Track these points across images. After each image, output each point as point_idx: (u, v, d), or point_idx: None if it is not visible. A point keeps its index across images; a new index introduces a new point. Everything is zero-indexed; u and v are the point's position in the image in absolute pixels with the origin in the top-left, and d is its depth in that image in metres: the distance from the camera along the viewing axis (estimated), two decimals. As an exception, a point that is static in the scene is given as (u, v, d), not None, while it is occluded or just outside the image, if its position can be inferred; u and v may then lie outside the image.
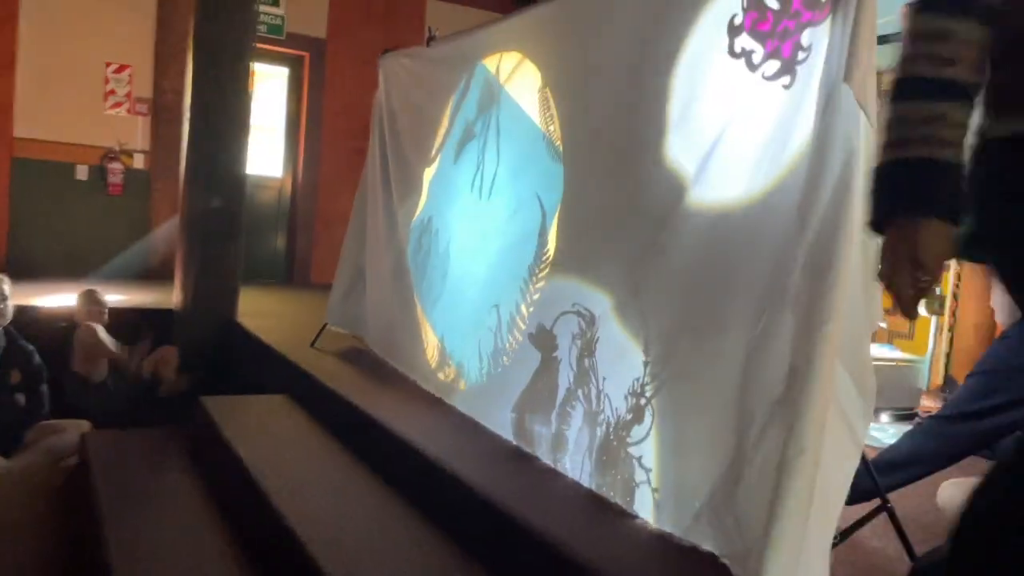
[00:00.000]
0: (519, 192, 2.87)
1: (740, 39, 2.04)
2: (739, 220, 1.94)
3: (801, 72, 1.88)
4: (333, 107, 7.40)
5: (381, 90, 4.17)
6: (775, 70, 1.95)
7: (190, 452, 3.62)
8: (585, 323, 2.34)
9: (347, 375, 3.73)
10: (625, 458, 2.14)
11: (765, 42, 1.98)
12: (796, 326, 1.72)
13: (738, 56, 2.05)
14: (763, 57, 1.98)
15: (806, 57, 1.87)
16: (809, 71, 1.85)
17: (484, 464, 2.58)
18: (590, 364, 2.32)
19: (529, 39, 2.97)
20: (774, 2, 1.97)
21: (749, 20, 2.03)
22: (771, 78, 1.96)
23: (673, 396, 2.04)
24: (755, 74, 1.99)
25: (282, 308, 5.80)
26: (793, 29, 1.90)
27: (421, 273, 3.56)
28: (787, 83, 1.92)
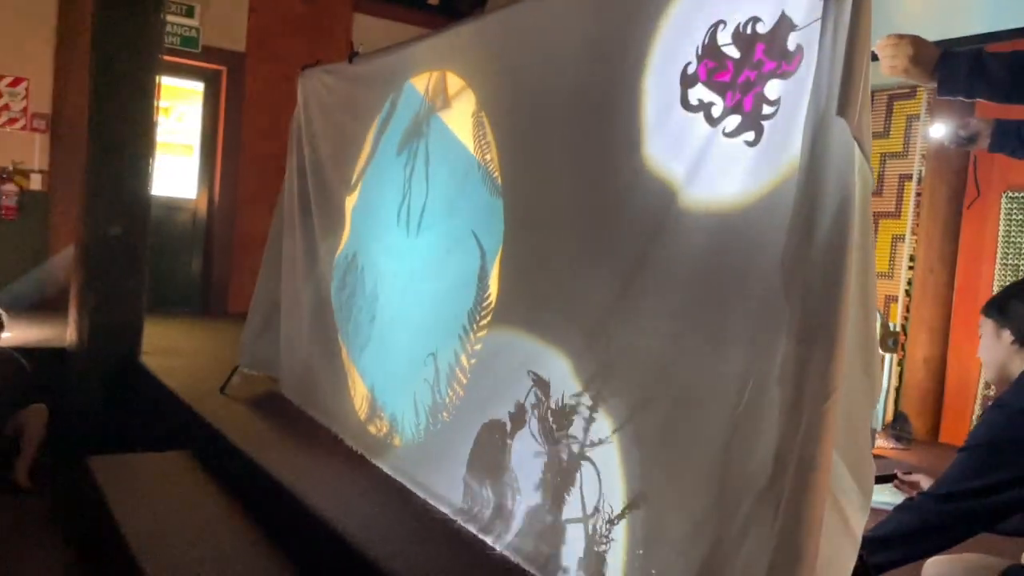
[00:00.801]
0: (453, 229, 2.56)
1: (695, 90, 1.80)
2: (728, 260, 1.67)
3: (770, 128, 1.65)
4: (253, 124, 6.97)
5: (300, 108, 3.82)
6: (736, 125, 1.71)
7: (64, 521, 3.17)
8: (541, 391, 2.03)
9: (259, 428, 3.34)
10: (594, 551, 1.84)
11: (725, 94, 1.74)
12: (785, 402, 1.45)
13: (695, 109, 1.79)
14: (723, 111, 1.73)
15: (774, 111, 1.64)
16: (780, 126, 1.62)
17: (414, 545, 2.24)
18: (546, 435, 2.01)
19: (461, 57, 2.67)
20: (733, 51, 1.73)
21: (704, 69, 1.79)
22: (732, 134, 1.71)
23: (647, 480, 1.76)
24: (716, 128, 1.74)
25: (194, 344, 5.33)
26: (755, 80, 1.68)
27: (346, 314, 3.21)
28: (751, 139, 1.68)
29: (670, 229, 1.77)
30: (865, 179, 1.45)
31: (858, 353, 1.47)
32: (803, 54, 1.57)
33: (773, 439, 1.46)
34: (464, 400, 2.40)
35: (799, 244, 1.47)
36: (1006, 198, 3.97)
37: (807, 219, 1.47)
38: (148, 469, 3.24)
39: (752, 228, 1.61)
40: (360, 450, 2.93)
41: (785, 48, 1.60)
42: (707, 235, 1.69)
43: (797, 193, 1.50)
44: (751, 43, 1.67)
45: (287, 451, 3.01)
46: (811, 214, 1.46)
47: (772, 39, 1.62)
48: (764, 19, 1.64)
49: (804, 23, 1.57)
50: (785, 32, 1.60)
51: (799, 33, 1.58)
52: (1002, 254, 4.01)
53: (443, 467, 2.43)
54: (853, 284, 1.42)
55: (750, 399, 1.54)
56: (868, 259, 1.46)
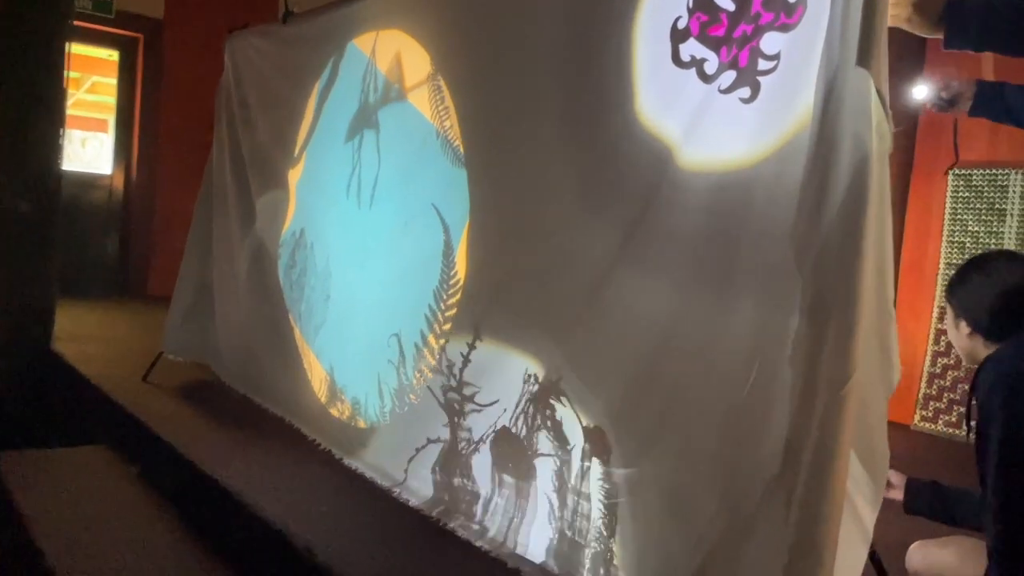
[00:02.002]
0: (409, 201, 2.37)
1: (687, 46, 1.67)
2: (731, 224, 1.53)
3: (768, 84, 1.53)
4: (173, 95, 6.59)
5: (228, 76, 3.54)
6: (731, 81, 1.58)
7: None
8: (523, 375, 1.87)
9: (187, 419, 3.08)
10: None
11: (719, 49, 1.61)
12: (797, 384, 1.31)
13: (686, 65, 1.65)
14: (718, 67, 1.60)
15: (772, 67, 1.52)
16: (780, 83, 1.50)
17: (374, 545, 2.05)
18: (525, 423, 1.85)
19: (411, 14, 2.46)
20: (728, 2, 1.60)
21: (696, 23, 1.65)
22: (727, 91, 1.58)
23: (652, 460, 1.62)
24: (710, 86, 1.60)
25: (112, 329, 4.98)
26: (751, 34, 1.56)
27: (298, 294, 2.99)
28: (746, 96, 1.55)
29: (667, 189, 1.63)
30: (883, 138, 1.33)
31: (875, 331, 1.34)
32: (806, 5, 1.45)
33: (784, 423, 1.33)
34: (432, 382, 2.22)
35: (812, 210, 1.34)
36: (952, 175, 3.97)
37: (820, 182, 1.33)
38: (63, 466, 2.94)
39: (758, 191, 1.48)
40: (318, 436, 2.74)
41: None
42: (708, 196, 1.56)
43: (809, 154, 1.37)
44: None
45: (222, 444, 2.77)
46: (824, 177, 1.33)
47: None
48: None
49: None
50: None
51: None
52: (948, 232, 4.01)
53: (408, 454, 2.26)
54: (869, 256, 1.29)
55: (758, 379, 1.41)
56: (884, 226, 1.35)
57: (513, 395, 1.95)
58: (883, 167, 1.33)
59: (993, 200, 3.89)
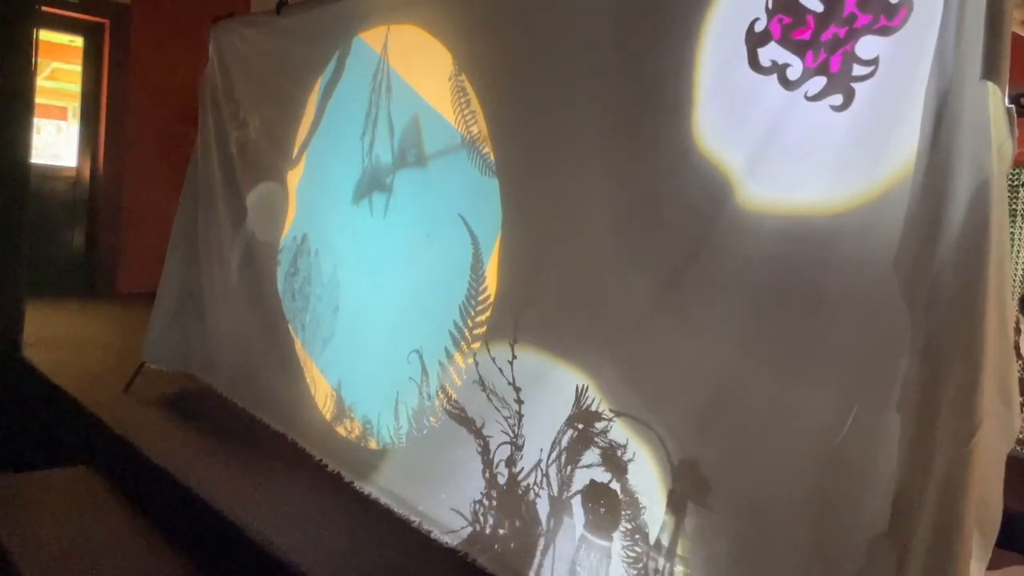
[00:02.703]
0: (432, 211, 2.20)
1: (767, 50, 1.53)
2: (817, 248, 1.40)
3: (864, 92, 1.39)
4: (141, 84, 6.31)
5: (213, 67, 3.32)
6: (820, 87, 1.45)
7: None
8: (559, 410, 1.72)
9: (175, 436, 2.88)
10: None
11: (805, 54, 1.48)
12: (907, 433, 1.19)
13: (766, 71, 1.52)
14: (803, 73, 1.47)
15: (870, 72, 1.39)
16: (879, 91, 1.37)
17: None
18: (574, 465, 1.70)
19: (429, 7, 2.28)
20: (816, 3, 1.47)
21: (778, 26, 1.52)
22: (815, 98, 1.45)
23: (726, 520, 1.48)
24: (794, 93, 1.47)
25: (83, 332, 4.73)
26: (844, 37, 1.43)
27: (301, 303, 2.80)
28: (838, 104, 1.42)
29: (726, 229, 1.49)
30: (1003, 158, 1.20)
31: (993, 372, 1.22)
32: (910, 8, 1.32)
33: (890, 476, 1.21)
34: (455, 404, 2.07)
35: (923, 239, 1.21)
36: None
37: (933, 209, 1.21)
38: (43, 490, 2.73)
39: (850, 236, 1.35)
40: (324, 456, 2.56)
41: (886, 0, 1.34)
42: (778, 241, 1.43)
43: (915, 178, 1.24)
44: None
45: (215, 464, 2.59)
46: (938, 203, 1.20)
47: None
48: None
49: None
50: None
51: None
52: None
53: (426, 482, 2.11)
54: (992, 289, 1.17)
55: (855, 426, 1.28)
56: (1004, 258, 1.22)
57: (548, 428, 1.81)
58: (1002, 191, 1.20)
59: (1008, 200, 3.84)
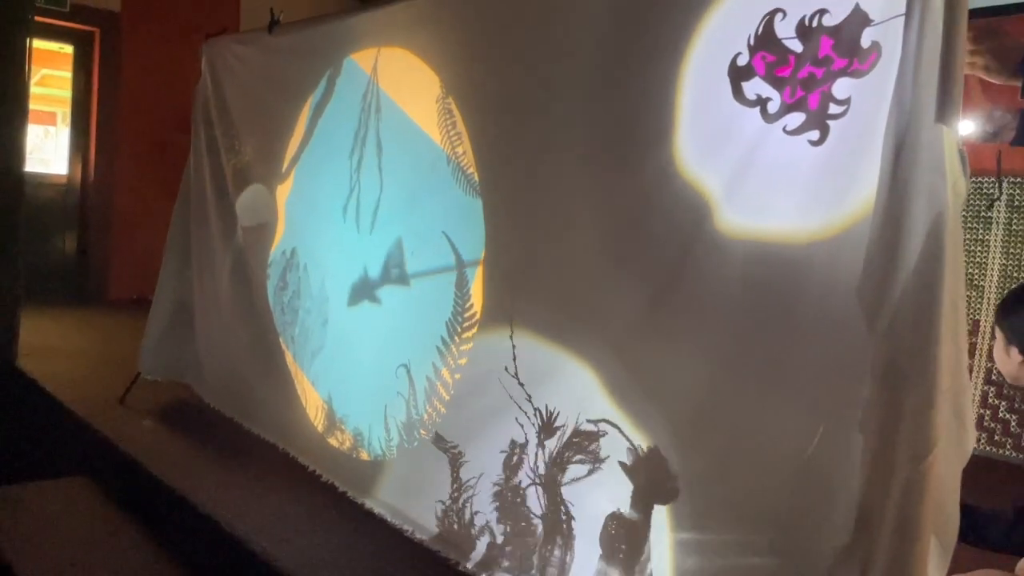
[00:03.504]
0: (417, 228, 2.27)
1: (752, 84, 1.61)
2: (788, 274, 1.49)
3: (837, 129, 1.48)
4: (132, 92, 6.35)
5: (206, 82, 3.38)
6: (799, 123, 1.53)
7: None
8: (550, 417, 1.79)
9: (172, 446, 2.95)
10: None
11: (783, 89, 1.56)
12: (869, 453, 1.27)
13: (751, 104, 1.60)
14: (780, 107, 1.55)
15: (843, 111, 1.47)
16: (851, 129, 1.45)
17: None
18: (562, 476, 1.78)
19: (418, 32, 2.34)
20: (796, 44, 1.54)
21: (762, 63, 1.59)
22: (794, 132, 1.53)
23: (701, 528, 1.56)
24: (772, 125, 1.55)
25: (78, 341, 4.77)
26: (821, 78, 1.51)
27: (291, 316, 2.87)
28: (815, 139, 1.50)
29: (707, 246, 1.56)
30: (958, 194, 1.28)
31: (949, 394, 1.30)
32: (879, 52, 1.40)
33: (853, 492, 1.29)
34: (446, 418, 2.14)
35: (883, 269, 1.29)
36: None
37: (890, 241, 1.28)
38: (41, 501, 2.79)
39: (818, 267, 1.44)
40: (317, 467, 2.62)
41: (858, 45, 1.42)
42: (750, 265, 1.51)
43: (876, 212, 1.32)
44: (815, 36, 1.49)
45: (210, 474, 2.65)
46: (895, 236, 1.28)
47: (841, 33, 1.44)
48: (832, 11, 1.46)
49: (881, 18, 1.39)
50: (858, 27, 1.42)
51: (875, 29, 1.40)
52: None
53: (417, 492, 2.18)
54: (947, 316, 1.25)
55: (823, 445, 1.36)
56: (959, 287, 1.29)
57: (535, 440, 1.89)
58: (956, 224, 1.28)
59: (979, 208, 3.92)
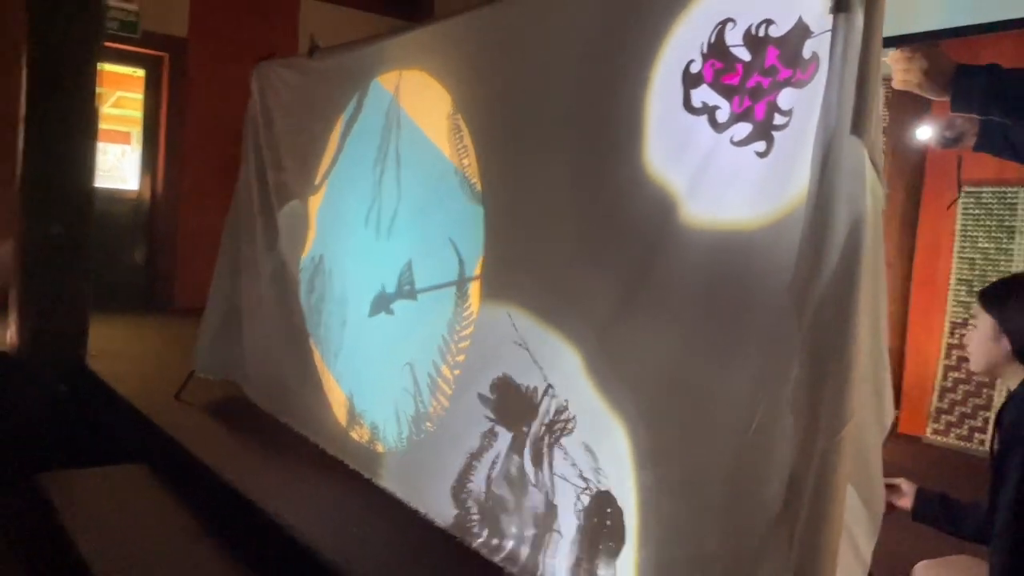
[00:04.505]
0: (427, 234, 2.48)
1: (699, 92, 1.72)
2: (734, 279, 1.62)
3: (781, 140, 1.58)
4: (197, 113, 6.72)
5: (255, 103, 3.66)
6: (746, 134, 1.64)
7: (18, 542, 3.00)
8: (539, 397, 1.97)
9: (220, 438, 3.22)
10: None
11: (732, 99, 1.66)
12: (798, 428, 1.41)
13: (698, 112, 1.72)
14: (729, 117, 1.66)
15: (786, 122, 1.58)
16: (792, 138, 1.56)
17: (401, 564, 2.17)
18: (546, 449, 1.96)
19: (434, 56, 2.57)
20: (744, 52, 1.65)
21: (711, 70, 1.70)
22: (741, 143, 1.64)
23: (662, 495, 1.71)
24: (721, 135, 1.67)
25: (141, 345, 5.13)
26: (767, 87, 1.61)
27: (317, 319, 3.11)
28: (762, 150, 1.61)
29: (671, 242, 1.71)
30: (877, 198, 1.41)
31: (870, 377, 1.44)
32: (818, 63, 1.50)
33: (786, 465, 1.43)
34: (449, 411, 2.33)
35: (809, 268, 1.43)
36: (963, 193, 4.03)
37: (817, 242, 1.42)
38: (103, 485, 3.08)
39: (762, 250, 1.56)
40: (342, 457, 2.83)
41: (800, 55, 1.53)
42: (712, 252, 1.65)
43: (806, 215, 1.46)
44: (763, 46, 1.60)
45: (254, 463, 2.90)
46: (821, 237, 1.42)
47: (786, 44, 1.55)
48: (778, 22, 1.56)
49: (819, 30, 1.49)
50: (800, 38, 1.53)
51: (815, 40, 1.50)
52: (959, 248, 4.08)
53: (428, 478, 2.37)
54: (864, 308, 1.39)
55: (761, 424, 1.50)
56: (879, 281, 1.43)
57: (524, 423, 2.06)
58: (877, 227, 1.42)
59: (1003, 217, 3.95)
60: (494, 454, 2.14)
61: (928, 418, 4.11)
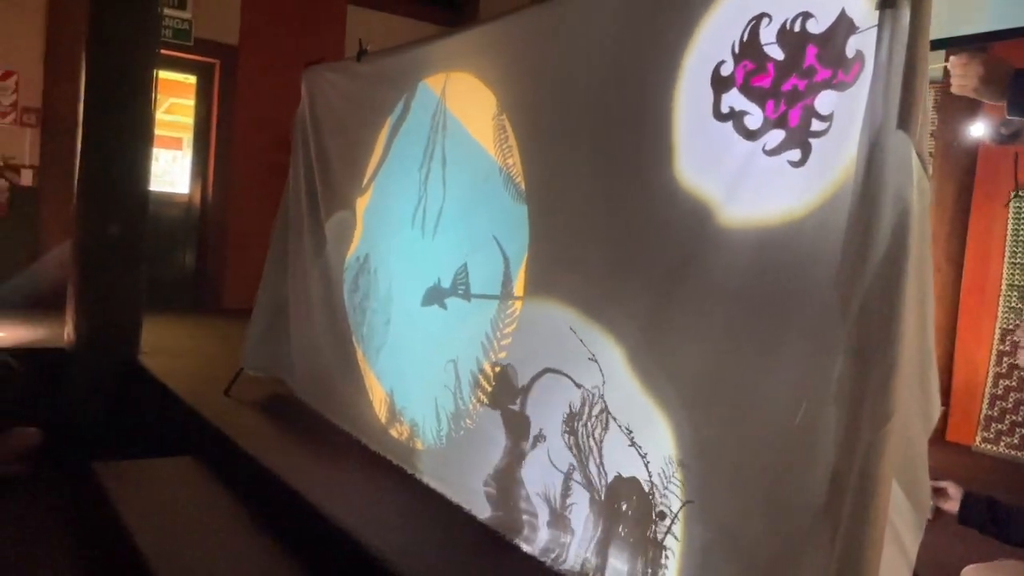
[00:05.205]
0: (472, 233, 2.51)
1: (729, 96, 1.64)
2: (776, 275, 1.60)
3: (819, 148, 1.52)
4: (246, 118, 6.86)
5: (305, 106, 3.74)
6: (778, 142, 1.57)
7: (74, 528, 3.10)
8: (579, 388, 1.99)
9: (267, 432, 3.28)
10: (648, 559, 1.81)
11: (765, 103, 1.59)
12: (842, 421, 1.41)
13: (725, 118, 1.65)
14: (761, 123, 1.59)
15: (826, 128, 1.51)
16: (831, 147, 1.50)
17: (442, 555, 2.20)
18: (589, 442, 1.97)
19: (481, 57, 2.61)
20: (777, 51, 1.57)
21: (742, 72, 1.62)
22: (774, 152, 1.58)
23: (706, 487, 1.71)
24: (752, 144, 1.61)
25: (191, 343, 5.25)
26: (804, 90, 1.52)
27: (360, 316, 3.15)
28: (796, 159, 1.55)
29: (709, 245, 1.70)
30: (923, 192, 1.41)
31: (916, 371, 1.43)
32: (863, 63, 1.44)
33: (830, 458, 1.43)
34: (488, 407, 2.36)
35: (855, 262, 1.43)
36: (1015, 196, 3.96)
37: (863, 236, 1.42)
38: (155, 476, 3.17)
39: (802, 243, 1.55)
40: (383, 452, 2.88)
41: (842, 54, 1.47)
42: (751, 251, 1.64)
43: (852, 210, 1.45)
44: (800, 44, 1.54)
45: (300, 456, 2.96)
46: (867, 231, 1.41)
47: (827, 42, 1.49)
48: (818, 16, 1.49)
49: (865, 26, 1.42)
50: (844, 35, 1.46)
51: (860, 37, 1.44)
52: (1010, 253, 4.00)
53: (468, 474, 2.39)
54: (911, 301, 1.38)
55: (805, 417, 1.50)
56: (925, 275, 1.42)
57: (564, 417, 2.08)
58: (924, 220, 1.41)
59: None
60: (534, 449, 2.16)
61: (977, 426, 4.04)
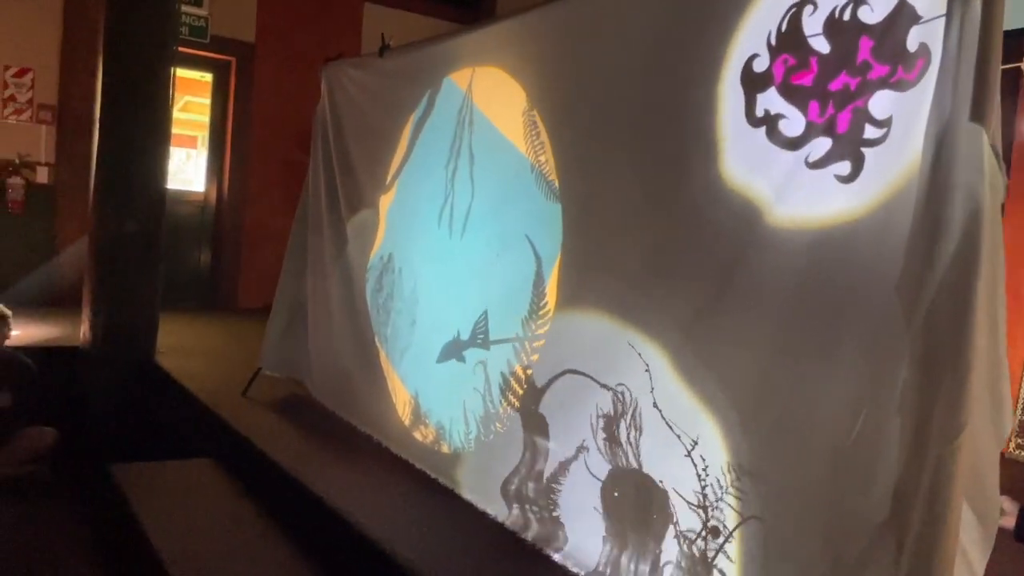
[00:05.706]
0: (503, 232, 2.44)
1: (766, 96, 1.48)
2: (833, 278, 1.50)
3: (873, 159, 1.38)
4: (262, 116, 6.82)
5: (324, 103, 3.67)
6: (824, 152, 1.43)
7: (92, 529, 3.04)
8: (616, 397, 1.91)
9: (287, 434, 3.22)
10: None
11: (806, 105, 1.44)
12: (907, 433, 1.33)
13: (759, 122, 1.50)
14: (804, 129, 1.44)
15: (882, 136, 1.37)
16: (887, 158, 1.37)
17: (464, 560, 2.13)
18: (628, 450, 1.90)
19: (510, 51, 2.53)
20: (822, 43, 1.41)
21: (781, 68, 1.46)
22: (817, 164, 1.44)
23: (761, 502, 1.62)
24: (793, 154, 1.48)
25: (207, 342, 5.20)
26: (856, 90, 1.37)
27: (384, 317, 3.08)
28: (845, 174, 1.41)
29: (759, 246, 1.62)
30: (996, 189, 1.32)
31: (986, 380, 1.34)
32: (928, 58, 1.33)
33: (892, 471, 1.35)
34: (520, 411, 2.29)
35: (921, 265, 1.34)
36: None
37: (931, 235, 1.33)
38: (173, 478, 3.12)
39: (860, 244, 1.46)
40: (406, 456, 2.82)
41: (903, 47, 1.36)
42: (804, 252, 1.55)
43: (917, 209, 1.36)
44: (852, 36, 1.42)
45: (320, 459, 2.90)
46: (935, 230, 1.33)
47: (884, 33, 1.37)
48: (872, 3, 1.37)
49: (930, 15, 1.31)
50: (904, 25, 1.35)
51: (923, 28, 1.32)
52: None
53: (496, 478, 2.33)
54: (982, 307, 1.30)
55: (864, 427, 1.42)
56: (997, 278, 1.34)
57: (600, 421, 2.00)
58: (996, 219, 1.32)
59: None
60: (570, 455, 2.08)
61: (1012, 433, 3.93)
